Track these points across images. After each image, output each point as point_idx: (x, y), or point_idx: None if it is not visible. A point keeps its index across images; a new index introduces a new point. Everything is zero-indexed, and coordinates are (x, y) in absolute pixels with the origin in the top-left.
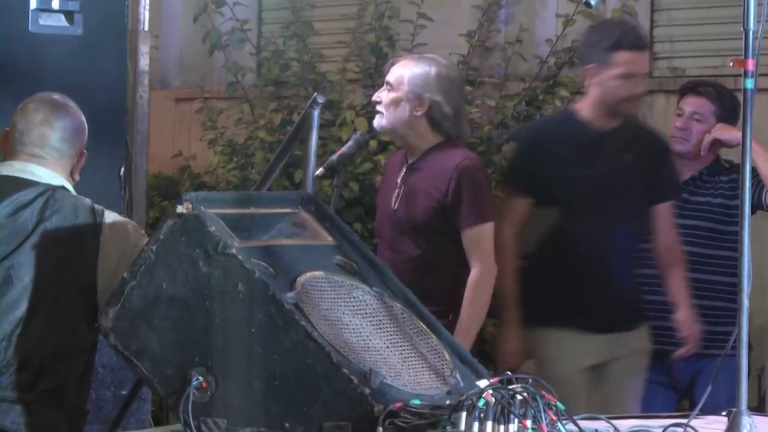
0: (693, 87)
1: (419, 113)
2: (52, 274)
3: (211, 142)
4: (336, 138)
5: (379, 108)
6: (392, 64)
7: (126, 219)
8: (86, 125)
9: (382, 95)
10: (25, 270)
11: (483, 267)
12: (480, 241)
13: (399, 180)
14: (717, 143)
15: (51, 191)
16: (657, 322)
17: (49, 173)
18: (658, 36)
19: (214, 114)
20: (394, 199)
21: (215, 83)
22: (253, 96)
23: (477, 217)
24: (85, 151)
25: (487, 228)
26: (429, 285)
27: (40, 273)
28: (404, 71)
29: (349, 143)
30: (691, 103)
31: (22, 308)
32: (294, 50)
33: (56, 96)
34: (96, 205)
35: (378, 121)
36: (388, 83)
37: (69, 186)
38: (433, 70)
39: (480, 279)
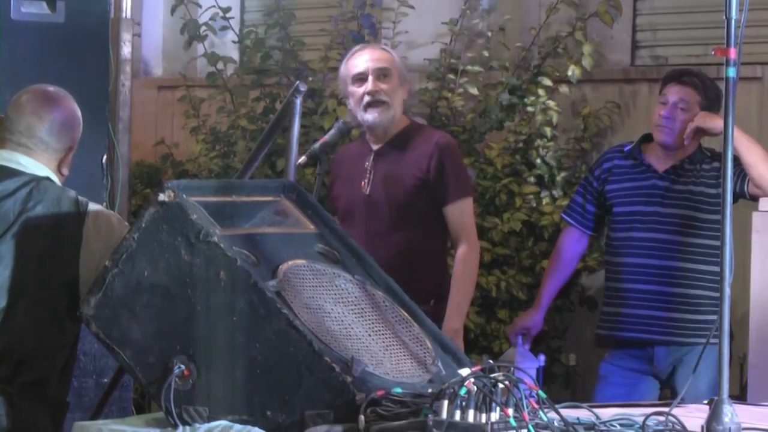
0: (677, 76)
1: (405, 97)
2: (34, 265)
3: (194, 130)
4: (318, 126)
5: (383, 98)
6: (357, 54)
7: (110, 211)
8: (79, 120)
9: (382, 86)
10: (5, 261)
11: (469, 242)
12: (463, 216)
13: (367, 166)
14: (699, 132)
15: (35, 182)
16: (637, 311)
17: (35, 164)
18: (641, 25)
19: (197, 102)
20: (364, 185)
21: (198, 71)
22: (234, 85)
23: (460, 192)
24: (74, 144)
25: (469, 203)
26: (411, 268)
27: (21, 264)
28: (389, 56)
29: (332, 132)
30: (676, 92)
31: (3, 300)
32: (276, 38)
33: (51, 88)
34: (80, 197)
35: (384, 114)
36: (380, 71)
37: (54, 177)
38: (395, 53)
39: (467, 254)
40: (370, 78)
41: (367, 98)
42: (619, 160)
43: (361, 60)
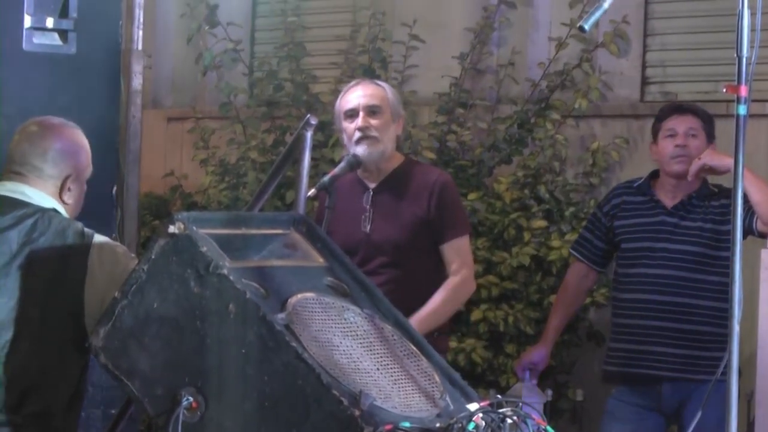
0: (675, 108)
1: (399, 133)
2: (39, 296)
3: (203, 161)
4: (328, 159)
5: (373, 134)
6: (350, 90)
7: (116, 243)
8: (83, 148)
9: (372, 122)
10: (10, 292)
11: (465, 273)
12: (461, 251)
13: (365, 204)
14: (706, 169)
15: (41, 213)
16: (645, 347)
17: (41, 195)
18: (651, 61)
19: (206, 134)
20: (364, 223)
21: (207, 103)
22: (246, 116)
23: (459, 230)
24: (75, 173)
25: (466, 240)
26: (413, 302)
27: (26, 294)
28: (381, 92)
29: (341, 164)
30: (682, 122)
31: (8, 331)
32: (287, 71)
33: (55, 120)
34: (86, 229)
35: (374, 148)
36: (370, 107)
37: (61, 208)
38: (390, 89)
39: (460, 283)
40: (361, 114)
41: (357, 134)
42: (628, 196)
43: (354, 96)
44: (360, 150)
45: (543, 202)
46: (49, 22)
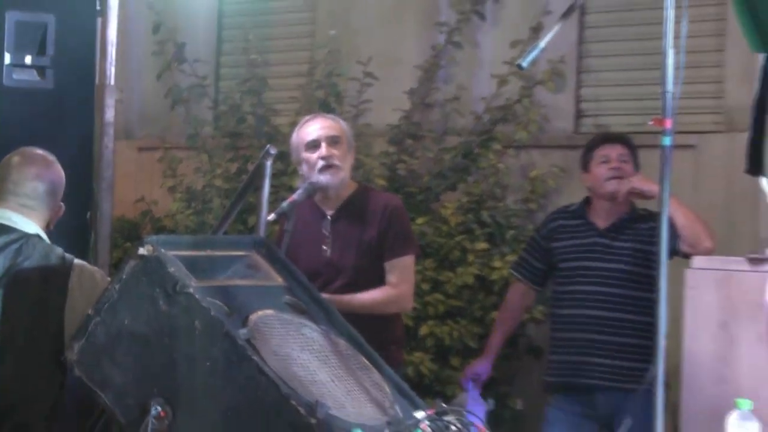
0: (604, 138)
1: (352, 162)
2: (23, 316)
3: (171, 188)
4: (287, 186)
5: (335, 162)
6: (308, 123)
7: (94, 267)
8: (63, 180)
9: (334, 151)
10: None
11: (404, 289)
12: (404, 268)
13: (324, 230)
14: (635, 193)
15: (26, 238)
16: (582, 358)
17: (26, 221)
18: (585, 95)
19: (175, 163)
20: (325, 247)
21: (175, 134)
22: (211, 146)
23: (404, 249)
24: (62, 204)
25: (410, 258)
26: (370, 318)
27: (10, 315)
28: (338, 125)
29: (299, 191)
30: (612, 149)
31: None
32: (249, 104)
33: (40, 151)
34: (66, 254)
35: (337, 176)
36: (331, 138)
37: (43, 235)
38: (343, 122)
39: (395, 295)
40: (324, 144)
41: (321, 162)
42: (564, 220)
43: (314, 128)
44: (324, 178)
45: (486, 226)
46: (28, 59)
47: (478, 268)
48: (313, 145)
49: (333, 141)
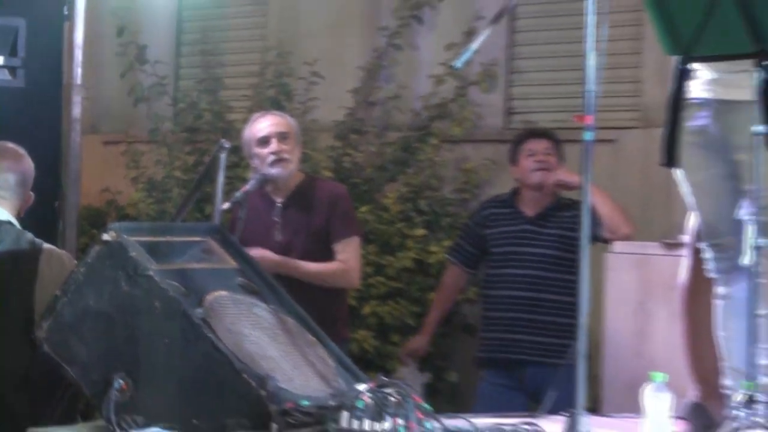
0: (530, 133)
1: (300, 155)
2: None
3: (134, 179)
4: (240, 177)
5: (285, 156)
6: (259, 120)
7: (62, 251)
8: (32, 172)
9: (283, 146)
10: None
11: (350, 265)
12: (349, 248)
13: (275, 217)
14: (560, 184)
15: None
16: (511, 336)
17: None
18: (514, 94)
19: (137, 155)
20: (275, 233)
21: (138, 129)
22: (171, 141)
23: (350, 231)
24: (32, 193)
25: (355, 240)
26: (317, 297)
27: None
28: (287, 121)
29: (251, 182)
30: (538, 143)
31: None
32: (206, 102)
33: (11, 145)
34: (36, 239)
35: (286, 168)
36: (281, 134)
37: (15, 222)
38: (291, 118)
39: (341, 269)
40: (274, 140)
41: (272, 157)
42: (495, 208)
43: (264, 125)
44: (274, 171)
45: (423, 214)
46: (0, 60)
47: (416, 253)
48: (264, 141)
49: (282, 137)
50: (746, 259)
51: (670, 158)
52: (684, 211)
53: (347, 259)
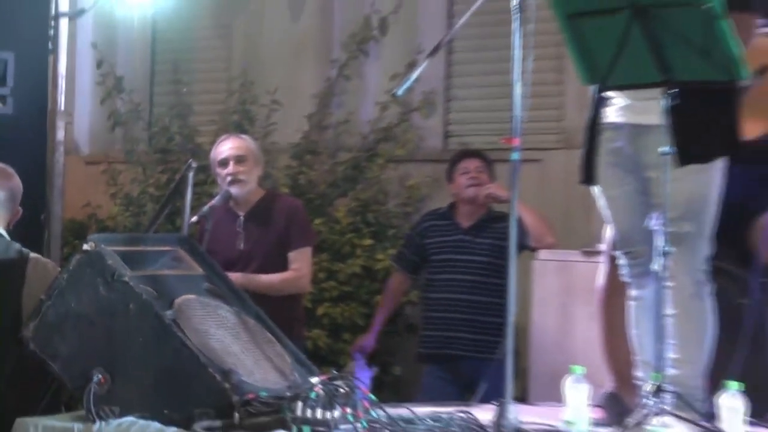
0: (464, 154)
1: (260, 174)
2: None
3: (113, 195)
4: (208, 193)
5: (241, 178)
6: (221, 143)
7: (47, 259)
8: (21, 189)
9: (240, 168)
10: None
11: (302, 273)
12: (301, 257)
13: (238, 228)
14: (491, 197)
15: None
16: (448, 334)
17: None
18: (452, 119)
19: (115, 174)
20: (239, 242)
21: (116, 151)
22: (145, 161)
23: (302, 242)
24: (20, 208)
25: (308, 249)
26: (275, 300)
27: None
28: (245, 144)
29: (217, 198)
30: (471, 162)
31: None
32: (177, 126)
33: (1, 165)
34: (23, 248)
35: (242, 188)
36: (238, 157)
37: (4, 233)
38: (252, 141)
39: (293, 277)
40: (231, 163)
41: (229, 178)
42: (434, 220)
43: (224, 148)
44: (232, 189)
45: (371, 226)
46: None
47: (364, 261)
48: (223, 162)
49: (239, 159)
50: (656, 265)
51: (589, 176)
52: (601, 223)
53: (300, 267)
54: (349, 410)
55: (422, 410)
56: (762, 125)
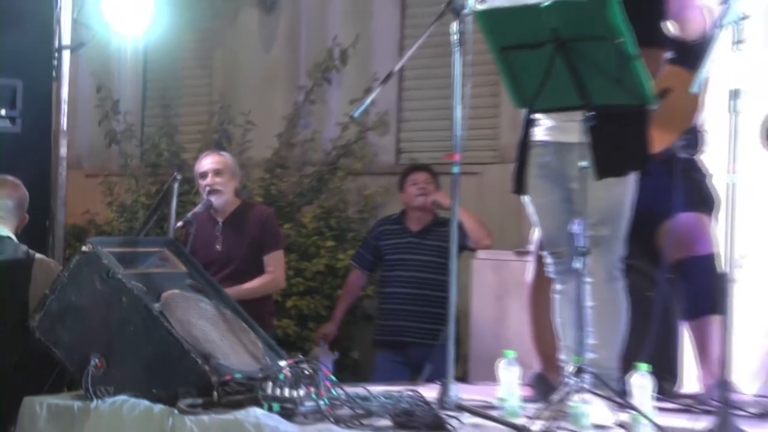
0: (413, 168)
1: (237, 185)
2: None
3: (109, 204)
4: (191, 202)
5: (218, 188)
6: (203, 159)
7: (50, 259)
8: (28, 199)
9: (218, 180)
10: None
11: (277, 274)
12: (276, 260)
13: (217, 232)
14: (436, 204)
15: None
16: (400, 323)
17: (0, 228)
18: (403, 137)
19: (111, 185)
20: (218, 246)
21: (112, 165)
22: (138, 173)
23: (275, 245)
24: (27, 215)
25: (280, 252)
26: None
27: None
28: (223, 159)
29: (199, 206)
30: (420, 176)
31: None
32: (165, 144)
33: (10, 177)
34: (30, 250)
35: (220, 198)
36: (216, 170)
37: (13, 237)
38: (230, 157)
39: (270, 280)
40: (209, 175)
41: (208, 188)
42: (387, 225)
43: (205, 162)
44: (212, 198)
45: (333, 230)
46: (2, 112)
47: (327, 260)
48: (203, 175)
49: (216, 172)
50: (577, 263)
51: (520, 187)
52: (530, 227)
53: (274, 269)
54: (313, 389)
55: (376, 389)
56: (665, 139)
